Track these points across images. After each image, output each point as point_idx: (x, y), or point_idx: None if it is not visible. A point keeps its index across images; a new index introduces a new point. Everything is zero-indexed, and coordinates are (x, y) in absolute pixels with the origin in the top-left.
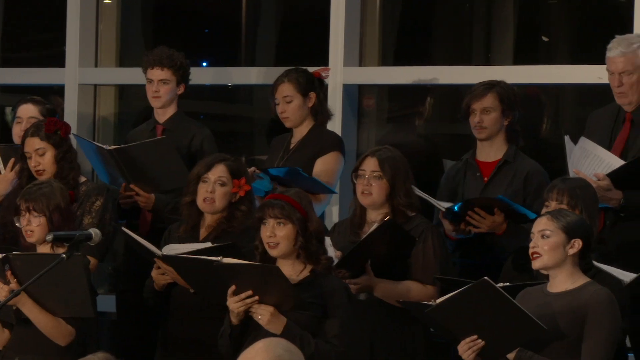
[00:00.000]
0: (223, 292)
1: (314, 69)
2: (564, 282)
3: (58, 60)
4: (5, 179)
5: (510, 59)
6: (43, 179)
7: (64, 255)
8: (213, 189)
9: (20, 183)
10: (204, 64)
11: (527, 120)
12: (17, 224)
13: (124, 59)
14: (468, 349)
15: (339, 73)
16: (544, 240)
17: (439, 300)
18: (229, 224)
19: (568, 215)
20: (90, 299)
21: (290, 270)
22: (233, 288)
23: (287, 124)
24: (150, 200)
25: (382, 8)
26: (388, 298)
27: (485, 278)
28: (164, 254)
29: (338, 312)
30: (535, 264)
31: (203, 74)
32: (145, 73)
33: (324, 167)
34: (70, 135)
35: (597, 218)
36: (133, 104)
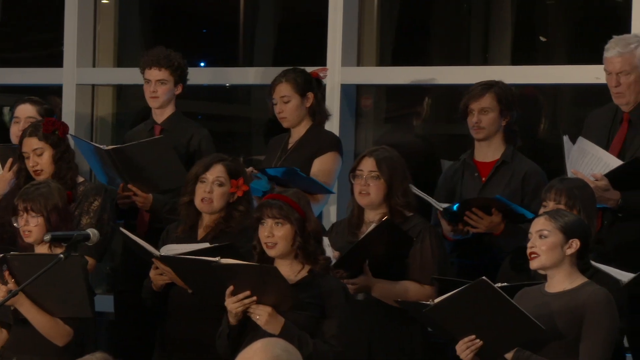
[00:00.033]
0: (221, 292)
1: (312, 69)
2: (562, 282)
3: (56, 61)
4: (3, 179)
5: (508, 59)
6: (41, 179)
7: (62, 256)
8: (211, 189)
9: (18, 183)
10: (202, 64)
11: (524, 121)
12: (14, 224)
13: (122, 59)
14: (466, 349)
15: (337, 73)
16: (542, 241)
17: (437, 300)
18: (227, 224)
19: (566, 216)
20: (88, 299)
21: (288, 271)
22: (231, 288)
23: (284, 124)
24: (148, 201)
25: (379, 8)
26: (386, 298)
27: (483, 278)
28: (162, 255)
29: (336, 312)
30: (533, 264)
31: (201, 74)
32: (143, 73)
33: (322, 167)
34: (68, 136)
35: (595, 218)
36: (131, 104)
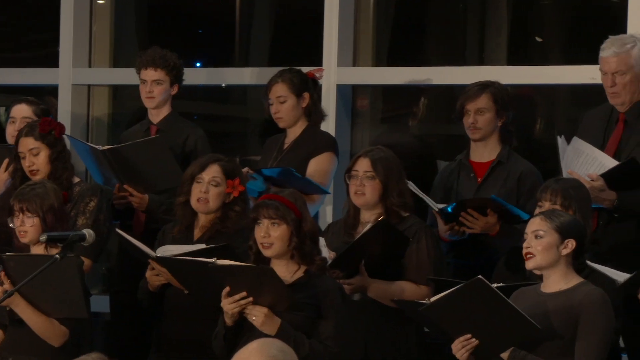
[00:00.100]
0: (217, 293)
1: (308, 70)
2: (558, 282)
3: (52, 61)
4: None
5: (504, 60)
6: (37, 179)
7: (58, 256)
8: (207, 189)
9: (14, 183)
10: (198, 65)
11: (520, 121)
12: (10, 225)
13: (118, 60)
14: (462, 348)
15: (333, 73)
16: (538, 241)
17: (433, 299)
18: (223, 225)
19: (562, 216)
20: (84, 300)
21: (284, 271)
22: (227, 289)
23: (280, 125)
24: (144, 201)
25: (375, 8)
26: (382, 298)
27: (480, 277)
28: (158, 256)
29: (332, 312)
30: (529, 264)
31: (197, 75)
32: (139, 74)
33: (318, 167)
34: (64, 136)
35: (590, 218)
36: (127, 105)
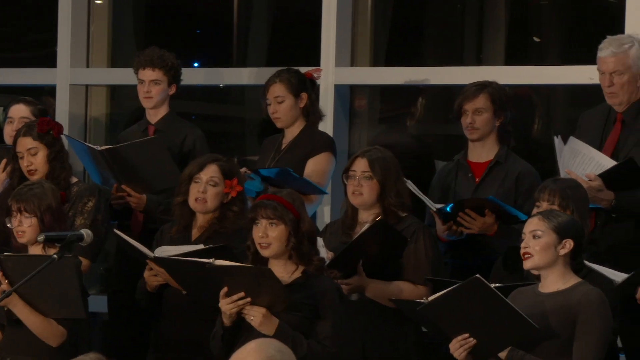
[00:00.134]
0: (215, 293)
1: (306, 70)
2: (556, 282)
3: (51, 61)
4: None
5: (502, 60)
6: (35, 179)
7: (56, 256)
8: (205, 189)
9: (12, 183)
10: (196, 65)
11: (518, 121)
12: (8, 225)
13: (116, 60)
14: (460, 347)
15: (331, 74)
16: (535, 241)
17: (431, 298)
18: (221, 225)
19: (559, 216)
20: (82, 300)
21: (282, 271)
22: (225, 290)
23: (278, 125)
24: (142, 201)
25: (373, 9)
26: (380, 298)
27: (477, 276)
28: (156, 256)
29: (330, 312)
30: (527, 264)
31: (195, 75)
32: (137, 74)
33: (315, 167)
34: (62, 136)
35: (588, 218)
36: (125, 105)
